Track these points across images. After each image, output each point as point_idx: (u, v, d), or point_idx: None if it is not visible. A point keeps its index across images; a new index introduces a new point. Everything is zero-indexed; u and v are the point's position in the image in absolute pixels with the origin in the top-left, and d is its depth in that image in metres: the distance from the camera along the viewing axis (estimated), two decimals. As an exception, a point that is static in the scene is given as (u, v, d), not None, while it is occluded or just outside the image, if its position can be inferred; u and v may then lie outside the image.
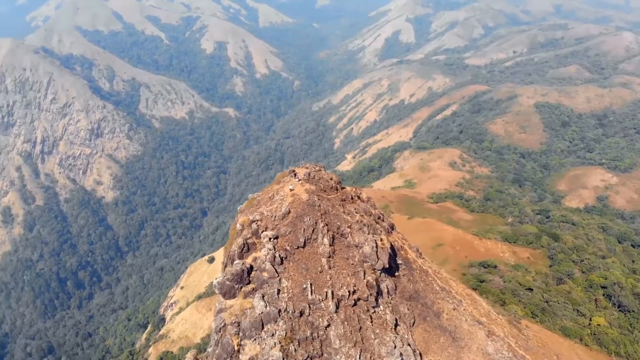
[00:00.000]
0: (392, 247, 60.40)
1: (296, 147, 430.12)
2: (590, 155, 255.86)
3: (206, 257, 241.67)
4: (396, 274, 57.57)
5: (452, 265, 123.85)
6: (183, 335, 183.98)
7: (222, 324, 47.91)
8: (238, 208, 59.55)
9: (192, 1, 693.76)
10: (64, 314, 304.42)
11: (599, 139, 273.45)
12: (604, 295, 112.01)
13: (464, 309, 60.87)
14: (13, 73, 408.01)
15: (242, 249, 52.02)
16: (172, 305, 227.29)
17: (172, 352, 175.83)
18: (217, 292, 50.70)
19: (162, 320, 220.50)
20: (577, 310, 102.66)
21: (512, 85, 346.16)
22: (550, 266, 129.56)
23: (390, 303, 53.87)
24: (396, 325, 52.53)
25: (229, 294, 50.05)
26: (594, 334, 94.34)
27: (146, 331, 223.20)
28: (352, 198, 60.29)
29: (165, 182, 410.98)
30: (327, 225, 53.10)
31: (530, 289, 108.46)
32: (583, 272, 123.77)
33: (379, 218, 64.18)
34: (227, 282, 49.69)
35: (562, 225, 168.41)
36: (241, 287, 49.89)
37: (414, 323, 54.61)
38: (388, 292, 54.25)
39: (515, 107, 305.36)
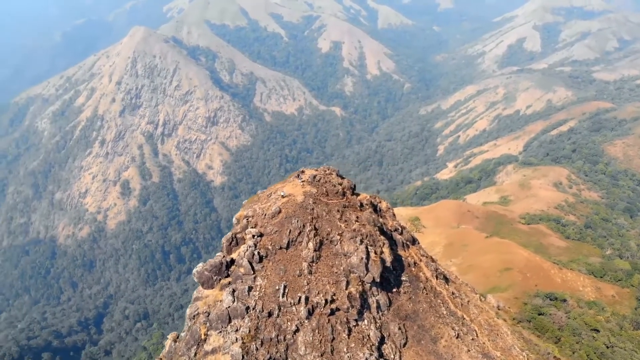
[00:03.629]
0: (399, 262, 57.98)
1: (396, 150, 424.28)
2: None
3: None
4: (394, 290, 55.10)
5: (515, 292, 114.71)
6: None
7: (196, 312, 49.69)
8: (243, 203, 60.96)
9: (314, 0, 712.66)
10: (163, 285, 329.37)
11: None
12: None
13: (472, 339, 56.55)
14: (144, 59, 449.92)
15: (230, 243, 53.33)
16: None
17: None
18: (195, 280, 52.62)
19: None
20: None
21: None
22: (635, 308, 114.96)
23: (379, 319, 51.74)
24: (382, 343, 50.41)
25: (207, 284, 51.67)
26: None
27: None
28: (361, 205, 58.64)
29: (269, 172, 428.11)
30: (315, 229, 52.32)
31: (597, 330, 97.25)
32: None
33: (395, 230, 61.79)
34: (206, 273, 51.37)
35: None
36: (220, 279, 51.25)
37: (405, 344, 51.93)
38: (379, 307, 52.13)
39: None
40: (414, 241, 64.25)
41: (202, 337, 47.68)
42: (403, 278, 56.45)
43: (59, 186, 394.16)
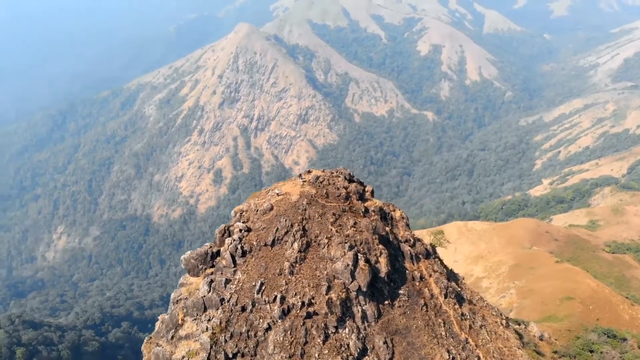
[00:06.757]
0: (401, 274, 55.83)
1: (489, 161, 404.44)
2: None
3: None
4: (387, 302, 53.10)
5: (570, 323, 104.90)
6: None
7: (179, 297, 51.68)
8: (247, 198, 62.02)
9: (418, 3, 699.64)
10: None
11: None
12: None
13: (469, 365, 53.17)
14: (245, 55, 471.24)
15: (223, 234, 54.62)
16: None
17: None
18: (183, 267, 54.54)
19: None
20: None
21: None
22: None
23: (364, 330, 50.27)
24: (363, 354, 48.96)
25: (193, 271, 53.46)
26: None
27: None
28: (365, 211, 57.15)
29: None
30: (304, 230, 51.94)
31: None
32: None
33: (405, 242, 59.53)
34: (192, 261, 53.14)
35: None
36: (205, 269, 52.81)
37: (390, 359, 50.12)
38: (365, 317, 50.60)
39: None
40: (427, 255, 61.51)
41: (180, 322, 49.73)
42: (401, 292, 54.44)
43: (158, 169, 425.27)
